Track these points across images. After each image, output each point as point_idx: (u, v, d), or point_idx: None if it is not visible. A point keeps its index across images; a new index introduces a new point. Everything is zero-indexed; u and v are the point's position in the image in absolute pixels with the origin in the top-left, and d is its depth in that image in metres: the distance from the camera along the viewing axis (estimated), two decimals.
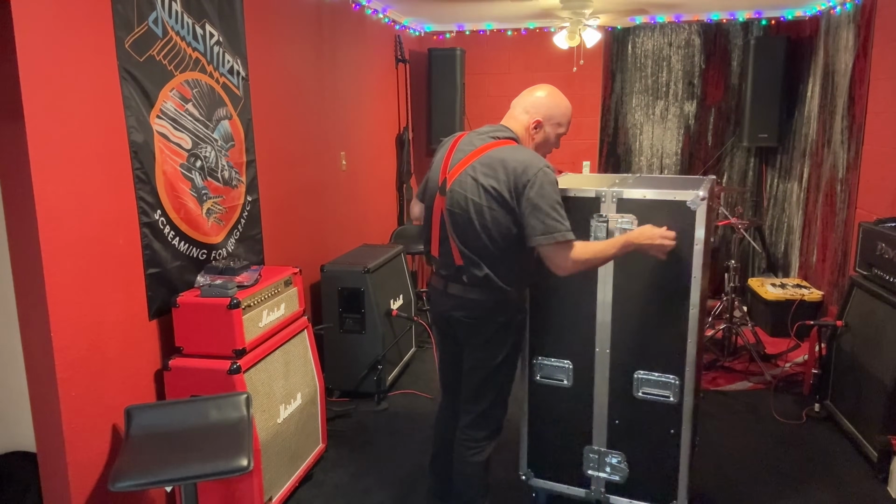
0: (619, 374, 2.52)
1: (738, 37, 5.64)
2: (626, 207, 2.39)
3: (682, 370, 2.42)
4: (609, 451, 2.58)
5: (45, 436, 2.18)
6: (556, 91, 2.39)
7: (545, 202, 2.10)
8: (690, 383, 2.43)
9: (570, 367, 2.58)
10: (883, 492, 2.91)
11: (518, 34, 6.06)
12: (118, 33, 2.32)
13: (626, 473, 2.56)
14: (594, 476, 2.62)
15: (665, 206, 2.34)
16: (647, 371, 2.47)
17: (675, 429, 2.46)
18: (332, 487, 3.02)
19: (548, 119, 2.31)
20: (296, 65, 3.77)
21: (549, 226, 2.09)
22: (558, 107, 2.34)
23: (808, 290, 4.77)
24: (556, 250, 2.11)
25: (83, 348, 2.22)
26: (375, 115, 5.11)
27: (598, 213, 2.42)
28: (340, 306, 3.81)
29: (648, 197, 2.36)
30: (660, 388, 2.46)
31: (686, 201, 2.31)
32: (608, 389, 2.54)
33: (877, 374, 3.05)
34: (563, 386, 2.61)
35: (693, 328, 2.38)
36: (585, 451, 2.62)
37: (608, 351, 2.51)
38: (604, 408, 2.56)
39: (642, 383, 2.49)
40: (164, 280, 2.59)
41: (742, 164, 5.84)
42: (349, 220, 4.55)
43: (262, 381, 2.69)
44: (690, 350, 2.39)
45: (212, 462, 2.01)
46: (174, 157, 2.63)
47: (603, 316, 2.50)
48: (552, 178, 2.14)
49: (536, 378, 2.64)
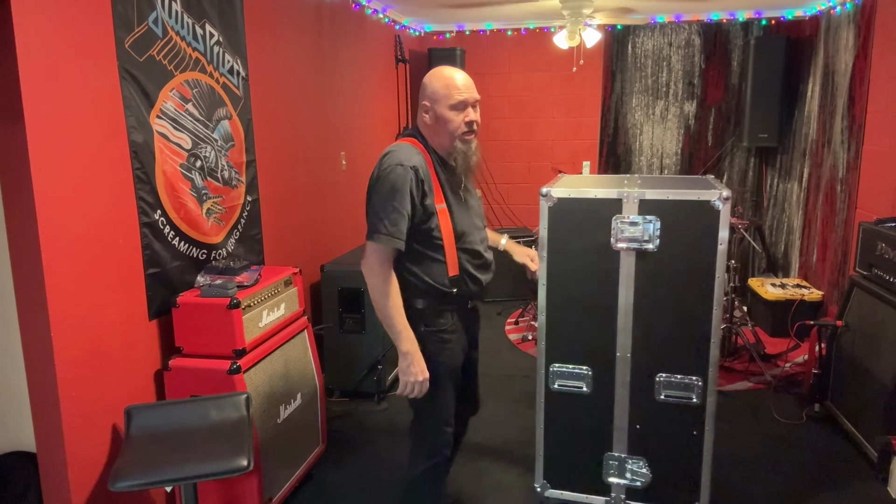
0: (640, 377, 2.47)
1: (738, 37, 5.64)
2: (648, 208, 2.35)
3: (706, 371, 2.40)
4: (630, 456, 2.54)
5: (45, 436, 2.18)
6: (437, 69, 2.22)
7: (376, 199, 2.09)
8: (713, 384, 2.40)
9: (589, 373, 2.53)
10: (883, 492, 2.91)
11: (518, 34, 6.06)
12: (118, 33, 2.32)
13: (648, 478, 2.51)
14: (614, 483, 2.57)
15: (688, 206, 2.32)
16: (669, 373, 2.44)
17: (697, 430, 2.44)
18: (332, 487, 3.01)
19: (430, 98, 2.15)
20: (296, 65, 3.77)
21: (371, 223, 2.10)
22: (434, 81, 2.16)
23: (808, 290, 4.77)
24: (368, 247, 2.11)
25: (83, 348, 2.22)
26: (375, 115, 5.11)
27: (619, 215, 2.38)
28: (340, 306, 3.81)
29: (671, 198, 2.33)
30: (682, 390, 2.43)
31: (710, 201, 2.29)
32: (629, 394, 2.49)
33: (877, 374, 3.05)
34: (582, 393, 2.54)
35: (716, 328, 2.36)
36: (605, 458, 2.56)
37: (629, 355, 2.47)
38: (624, 413, 2.51)
39: (664, 386, 2.45)
40: (164, 280, 2.59)
41: (742, 164, 5.84)
42: (349, 220, 4.55)
43: (262, 381, 2.69)
44: (713, 351, 2.38)
45: (212, 462, 2.01)
46: (174, 157, 2.63)
47: (624, 320, 2.45)
48: (394, 178, 2.06)
49: (553, 386, 2.57)
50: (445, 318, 2.24)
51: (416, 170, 2.08)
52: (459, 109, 2.13)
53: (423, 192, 2.11)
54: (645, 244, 2.36)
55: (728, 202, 2.28)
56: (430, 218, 2.13)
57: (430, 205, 2.12)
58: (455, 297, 2.23)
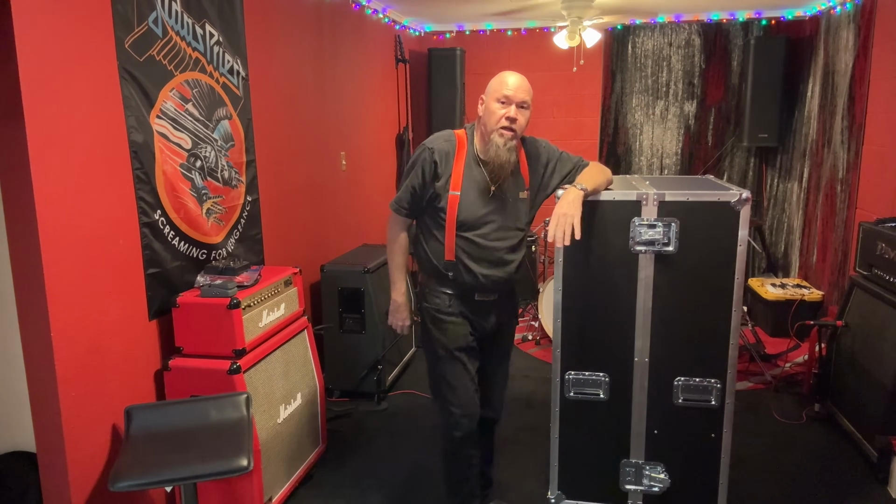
0: (659, 382, 2.45)
1: (738, 37, 5.64)
2: (667, 210, 2.33)
3: (724, 373, 2.38)
4: (647, 462, 2.51)
5: (45, 436, 2.18)
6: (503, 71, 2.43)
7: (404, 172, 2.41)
8: (731, 386, 2.39)
9: (606, 379, 2.49)
10: (883, 492, 2.91)
11: (518, 34, 6.06)
12: (118, 33, 2.32)
13: (667, 484, 2.49)
14: (632, 490, 2.54)
15: (707, 207, 2.31)
16: (688, 377, 2.42)
17: (716, 433, 2.42)
18: (332, 487, 3.01)
19: (486, 91, 2.35)
20: (296, 65, 3.77)
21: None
22: (494, 78, 2.36)
23: (808, 290, 4.77)
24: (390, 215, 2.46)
25: (83, 348, 2.22)
26: (375, 115, 5.11)
27: (638, 217, 2.35)
28: (340, 306, 3.81)
29: (691, 199, 2.32)
30: (701, 393, 2.41)
31: (730, 202, 2.28)
32: (646, 399, 2.47)
33: (877, 374, 3.05)
34: (599, 399, 2.50)
35: (735, 330, 2.35)
36: (622, 465, 2.53)
37: (647, 360, 2.45)
38: (642, 418, 2.48)
39: (682, 390, 2.43)
40: (164, 280, 2.59)
41: (742, 164, 5.84)
42: (349, 220, 4.55)
43: (262, 381, 2.69)
44: (732, 352, 2.36)
45: (212, 462, 2.01)
46: (174, 157, 2.63)
47: (643, 324, 2.42)
48: (414, 157, 2.35)
49: (569, 394, 2.52)
50: (442, 300, 2.39)
51: (432, 151, 2.30)
52: (503, 104, 2.26)
53: (436, 174, 2.29)
54: (664, 247, 2.34)
55: (748, 203, 2.27)
56: (437, 198, 2.31)
57: (441, 186, 2.29)
58: (453, 283, 2.36)
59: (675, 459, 2.49)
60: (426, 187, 2.31)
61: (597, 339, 2.49)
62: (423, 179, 2.30)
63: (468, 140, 2.35)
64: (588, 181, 2.33)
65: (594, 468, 2.58)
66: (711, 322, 2.37)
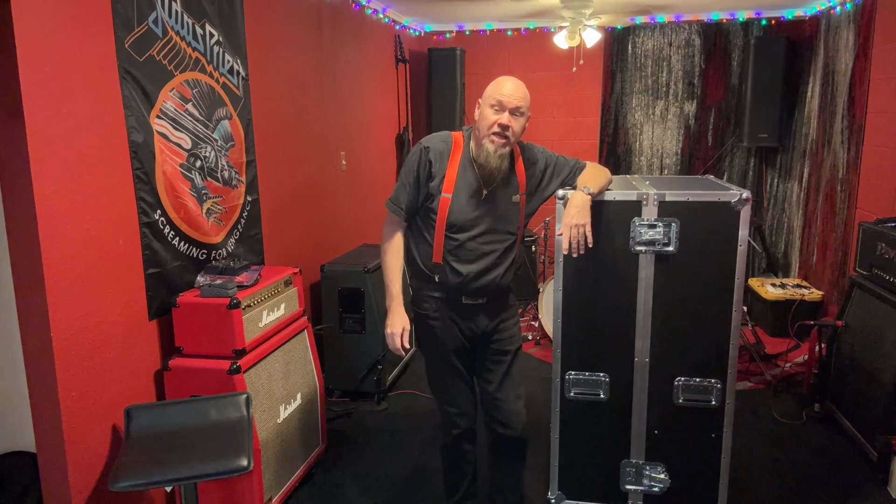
0: (659, 382, 2.45)
1: (738, 37, 5.64)
2: (667, 210, 2.33)
3: (724, 373, 2.39)
4: (648, 462, 2.52)
5: (45, 436, 2.17)
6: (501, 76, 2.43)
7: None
8: (732, 386, 2.40)
9: (607, 379, 2.50)
10: (883, 492, 2.91)
11: (518, 34, 6.06)
12: (118, 33, 2.32)
13: (667, 484, 2.49)
14: (632, 490, 2.55)
15: (708, 207, 2.31)
16: (688, 377, 2.43)
17: (716, 433, 2.43)
18: (332, 487, 3.01)
19: (482, 96, 2.34)
20: (296, 65, 3.77)
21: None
22: (491, 83, 2.33)
23: (808, 290, 4.77)
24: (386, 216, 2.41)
25: (83, 348, 2.22)
26: (375, 115, 5.11)
27: (639, 217, 2.36)
28: (340, 306, 3.81)
29: (691, 199, 2.32)
30: (701, 394, 2.42)
31: (730, 202, 2.28)
32: (647, 399, 2.47)
33: (877, 374, 3.05)
34: (600, 400, 2.51)
35: (735, 330, 2.35)
36: (622, 465, 2.53)
37: (647, 360, 2.45)
38: (642, 419, 2.49)
39: (683, 390, 2.44)
40: (164, 280, 2.59)
41: (742, 164, 5.84)
42: (349, 220, 4.54)
43: (262, 381, 2.69)
44: (732, 352, 2.37)
45: (212, 462, 2.01)
46: (174, 157, 2.62)
47: (643, 324, 2.43)
48: (410, 155, 2.34)
49: (570, 395, 2.53)
50: (429, 304, 2.38)
51: (428, 150, 2.29)
52: (497, 110, 2.24)
53: (430, 174, 2.28)
54: (664, 247, 2.34)
55: (748, 203, 2.28)
56: (431, 199, 2.29)
57: (434, 187, 2.28)
58: (440, 286, 2.34)
59: (676, 459, 2.49)
60: (420, 185, 2.30)
61: (597, 339, 2.49)
62: (417, 177, 2.30)
63: (464, 142, 2.34)
64: (592, 183, 2.33)
65: (594, 468, 2.58)
66: (711, 322, 2.37)
